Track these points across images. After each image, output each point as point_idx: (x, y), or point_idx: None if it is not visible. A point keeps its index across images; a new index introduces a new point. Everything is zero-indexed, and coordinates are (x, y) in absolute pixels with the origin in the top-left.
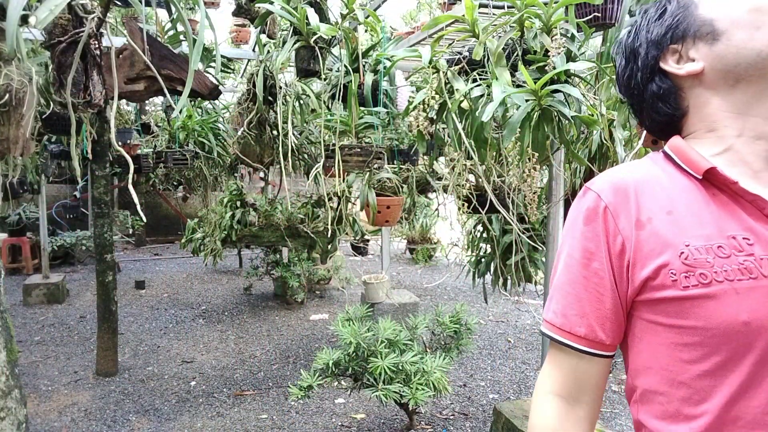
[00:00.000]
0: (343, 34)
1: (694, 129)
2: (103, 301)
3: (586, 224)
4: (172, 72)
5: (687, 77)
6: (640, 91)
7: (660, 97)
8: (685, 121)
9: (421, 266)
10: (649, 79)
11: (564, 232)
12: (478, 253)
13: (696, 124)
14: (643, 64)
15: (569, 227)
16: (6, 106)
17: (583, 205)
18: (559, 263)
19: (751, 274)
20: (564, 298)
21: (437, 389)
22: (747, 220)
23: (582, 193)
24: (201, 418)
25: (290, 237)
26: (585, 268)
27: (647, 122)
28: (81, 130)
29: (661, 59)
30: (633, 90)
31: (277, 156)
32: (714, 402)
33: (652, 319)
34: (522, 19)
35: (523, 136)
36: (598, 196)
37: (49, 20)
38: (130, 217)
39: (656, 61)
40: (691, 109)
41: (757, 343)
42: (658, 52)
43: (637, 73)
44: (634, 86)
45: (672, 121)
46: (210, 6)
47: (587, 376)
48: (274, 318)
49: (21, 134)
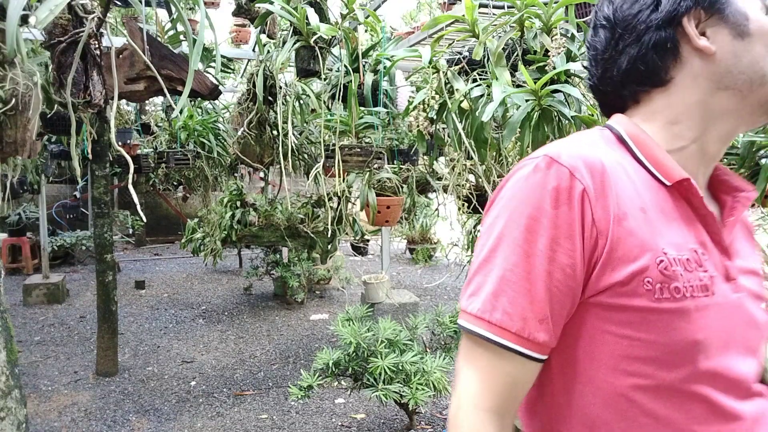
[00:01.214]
0: (343, 34)
1: (654, 110)
2: (103, 301)
3: (555, 208)
4: (172, 72)
5: (694, 50)
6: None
7: (656, 48)
8: (650, 97)
9: (421, 266)
10: (655, 27)
11: (511, 209)
12: None
13: (662, 107)
14: (640, 20)
15: (521, 205)
16: (13, 110)
17: (549, 182)
18: (501, 245)
19: (707, 291)
20: (520, 296)
21: (437, 389)
22: (702, 233)
23: (544, 164)
24: (201, 418)
25: (290, 237)
26: (550, 262)
27: (607, 83)
28: (81, 130)
29: (685, 14)
30: (606, 51)
31: (277, 156)
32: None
33: (601, 326)
34: (522, 19)
35: (523, 136)
36: (571, 174)
37: (49, 20)
38: (130, 217)
39: (672, 16)
40: (674, 86)
41: (694, 361)
42: (674, 6)
43: (628, 26)
44: (611, 46)
45: (630, 87)
46: (210, 6)
47: (525, 385)
48: (274, 318)
49: (28, 137)
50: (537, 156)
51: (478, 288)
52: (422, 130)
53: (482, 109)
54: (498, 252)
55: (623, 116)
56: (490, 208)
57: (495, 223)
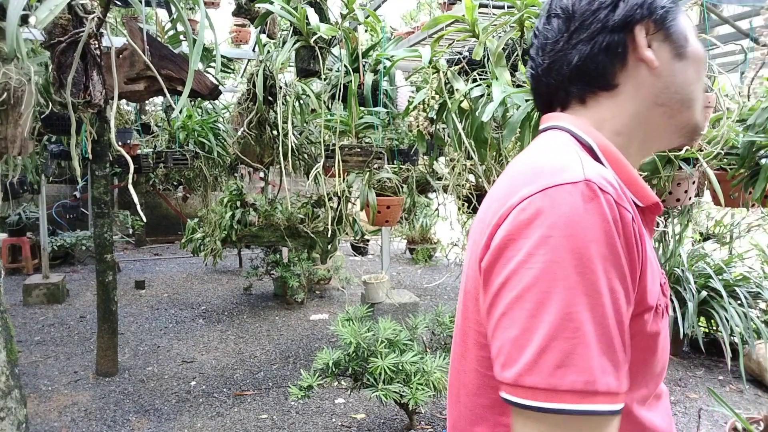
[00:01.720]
0: (343, 34)
1: (602, 118)
2: (103, 301)
3: (617, 241)
4: (172, 72)
5: (638, 60)
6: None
7: (607, 50)
8: (597, 99)
9: (421, 266)
10: (610, 28)
11: (576, 253)
12: None
13: (610, 114)
14: (597, 19)
15: (587, 247)
16: (4, 105)
17: (607, 214)
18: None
19: (666, 310)
20: (616, 349)
21: (437, 389)
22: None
23: (590, 192)
24: (201, 418)
25: (290, 237)
26: (626, 305)
27: (552, 76)
28: (81, 130)
29: (637, 23)
30: (558, 42)
31: (277, 156)
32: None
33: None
34: (522, 19)
35: (523, 136)
36: (617, 202)
37: (49, 20)
38: (130, 217)
39: (626, 22)
40: (619, 92)
41: (663, 370)
42: (629, 11)
43: (584, 23)
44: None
45: (578, 85)
46: (210, 6)
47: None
48: (274, 318)
49: (19, 133)
50: (566, 181)
51: (567, 356)
52: (422, 130)
53: (482, 109)
54: (580, 307)
55: (577, 119)
56: (534, 245)
57: (555, 269)
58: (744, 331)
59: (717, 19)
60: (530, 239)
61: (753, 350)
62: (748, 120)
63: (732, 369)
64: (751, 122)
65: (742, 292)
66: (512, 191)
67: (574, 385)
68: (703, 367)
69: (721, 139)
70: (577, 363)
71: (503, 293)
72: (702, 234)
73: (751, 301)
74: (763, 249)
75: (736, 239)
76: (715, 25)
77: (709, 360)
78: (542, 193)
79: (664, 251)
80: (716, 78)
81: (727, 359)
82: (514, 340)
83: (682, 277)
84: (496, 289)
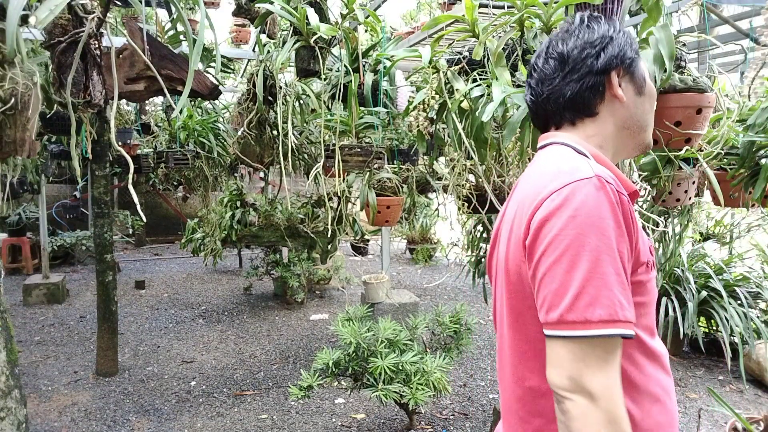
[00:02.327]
0: (343, 34)
1: (588, 134)
2: (103, 301)
3: (615, 215)
4: (172, 72)
5: (614, 96)
6: (560, 82)
7: (592, 89)
8: (583, 122)
9: (421, 266)
10: (594, 72)
11: (596, 225)
12: (478, 253)
13: (593, 133)
14: (585, 64)
15: (603, 221)
16: (12, 110)
17: (612, 198)
18: (602, 257)
19: (653, 266)
20: (622, 291)
21: (437, 389)
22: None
23: (599, 184)
24: (201, 418)
25: (290, 237)
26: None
27: (550, 104)
28: (81, 130)
29: (612, 69)
30: (555, 79)
31: (277, 156)
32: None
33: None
34: (522, 19)
35: (523, 136)
36: (617, 190)
37: (49, 20)
38: (130, 217)
39: (605, 68)
40: (599, 118)
41: (652, 313)
42: (606, 61)
43: (575, 66)
44: (559, 75)
45: (570, 111)
46: (210, 6)
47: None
48: (274, 318)
49: (27, 137)
50: (583, 177)
51: (595, 297)
52: (422, 130)
53: (482, 109)
54: (604, 264)
55: (571, 136)
56: (565, 222)
57: (582, 237)
58: (744, 331)
59: (717, 19)
60: (561, 218)
61: (753, 350)
62: (748, 120)
63: (732, 369)
64: (751, 122)
65: (742, 292)
66: (541, 189)
67: (601, 317)
68: (703, 367)
69: (721, 139)
70: (602, 302)
71: (543, 259)
72: (702, 234)
73: (751, 301)
74: (763, 249)
75: (736, 239)
76: (715, 25)
77: (709, 360)
78: (566, 186)
79: (664, 251)
80: (716, 78)
81: (727, 359)
82: (555, 291)
83: (682, 277)
84: (538, 257)
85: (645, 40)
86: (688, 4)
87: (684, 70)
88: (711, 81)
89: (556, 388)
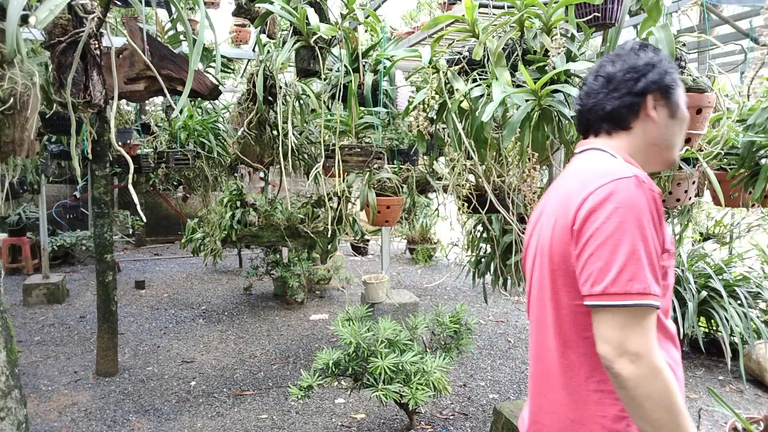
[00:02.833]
0: (343, 34)
1: (621, 145)
2: (103, 301)
3: (650, 209)
4: (172, 72)
5: (646, 116)
6: (603, 98)
7: (629, 107)
8: (618, 133)
9: (421, 266)
10: (633, 93)
11: (636, 216)
12: (478, 253)
13: (626, 144)
14: (626, 85)
15: (641, 213)
16: (11, 110)
17: (648, 194)
18: (642, 241)
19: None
20: (652, 271)
21: (437, 389)
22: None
23: (638, 182)
24: (201, 418)
25: (290, 237)
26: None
27: (592, 114)
28: (81, 130)
29: (649, 93)
30: (600, 94)
31: (277, 156)
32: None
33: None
34: (522, 19)
35: (523, 136)
36: (651, 188)
37: (49, 20)
38: (130, 217)
39: (643, 91)
40: (633, 132)
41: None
42: (645, 85)
43: (618, 86)
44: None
45: (608, 123)
46: (210, 6)
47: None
48: (274, 318)
49: (26, 137)
50: (624, 176)
51: (634, 274)
52: (422, 130)
53: (482, 109)
54: (641, 248)
55: (608, 144)
56: (610, 212)
57: (624, 226)
58: (744, 331)
59: (717, 19)
60: (607, 209)
61: (753, 350)
62: (748, 120)
63: (732, 369)
64: (751, 122)
65: (742, 292)
66: (587, 185)
67: (638, 290)
68: (703, 367)
69: (721, 139)
70: (639, 278)
71: (590, 242)
72: (702, 234)
73: (751, 301)
74: (763, 249)
75: (736, 239)
76: (715, 25)
77: (709, 360)
78: (610, 183)
79: None
80: (716, 78)
81: (727, 359)
82: (600, 269)
83: (682, 277)
84: (586, 240)
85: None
86: (688, 4)
87: (684, 70)
88: (711, 81)
89: (604, 354)
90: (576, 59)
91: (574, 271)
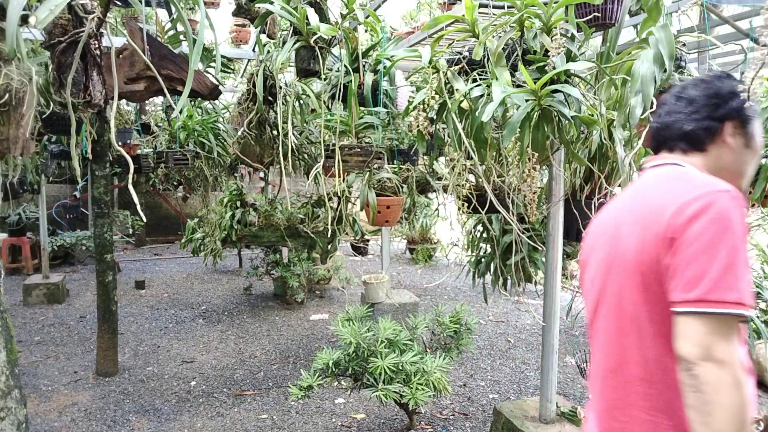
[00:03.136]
0: (343, 34)
1: (695, 164)
2: (103, 301)
3: (742, 224)
4: (172, 72)
5: (722, 141)
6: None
7: (707, 130)
8: (693, 154)
9: (421, 266)
10: (712, 119)
11: (732, 229)
12: (478, 253)
13: (700, 165)
14: (707, 110)
15: (737, 226)
16: (6, 106)
17: (740, 208)
18: (738, 254)
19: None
20: (748, 282)
21: (437, 389)
22: None
23: (734, 196)
24: (201, 418)
25: (290, 237)
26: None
27: (669, 132)
28: (81, 130)
29: (729, 120)
30: (680, 114)
31: (277, 156)
32: None
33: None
34: (522, 19)
35: (523, 136)
36: (741, 204)
37: (49, 20)
38: (130, 217)
39: (723, 117)
40: (707, 155)
41: None
42: (726, 112)
43: (699, 109)
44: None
45: (684, 142)
46: (210, 6)
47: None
48: (274, 318)
49: (21, 134)
50: (722, 189)
51: (731, 283)
52: (422, 130)
53: (482, 109)
54: (738, 259)
55: (684, 160)
56: (709, 222)
57: (722, 236)
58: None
59: (717, 19)
60: (706, 219)
61: (753, 350)
62: None
63: None
64: None
65: None
66: (680, 196)
67: (734, 299)
68: None
69: None
70: (735, 288)
71: (689, 249)
72: None
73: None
74: (763, 249)
75: None
76: (715, 25)
77: None
78: (709, 194)
79: None
80: None
81: None
82: (697, 275)
83: None
84: (684, 247)
85: (645, 40)
86: (688, 4)
87: (684, 70)
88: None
89: (688, 356)
90: (576, 59)
91: (661, 280)
